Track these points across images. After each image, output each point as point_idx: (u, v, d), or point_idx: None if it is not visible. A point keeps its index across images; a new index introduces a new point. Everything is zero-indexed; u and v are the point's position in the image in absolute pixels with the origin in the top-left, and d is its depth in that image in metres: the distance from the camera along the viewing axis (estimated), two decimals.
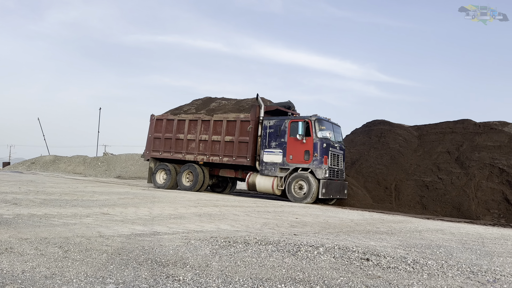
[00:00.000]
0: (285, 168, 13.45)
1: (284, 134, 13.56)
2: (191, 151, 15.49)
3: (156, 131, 16.41)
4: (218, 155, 14.81)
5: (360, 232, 6.50)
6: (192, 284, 2.89)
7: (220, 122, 14.93)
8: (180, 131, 15.85)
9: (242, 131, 14.38)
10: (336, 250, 4.40)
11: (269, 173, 13.68)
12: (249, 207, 9.64)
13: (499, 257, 4.84)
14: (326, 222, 7.75)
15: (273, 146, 13.70)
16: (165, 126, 16.19)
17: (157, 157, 16.30)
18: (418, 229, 7.54)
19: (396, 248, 4.97)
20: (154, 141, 16.42)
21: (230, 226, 6.08)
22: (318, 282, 3.14)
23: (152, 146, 16.44)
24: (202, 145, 15.25)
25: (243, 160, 14.25)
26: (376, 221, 8.79)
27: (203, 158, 15.16)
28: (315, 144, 12.94)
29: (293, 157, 13.30)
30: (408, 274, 3.60)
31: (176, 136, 15.87)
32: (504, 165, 14.83)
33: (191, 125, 15.64)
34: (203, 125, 15.33)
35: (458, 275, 3.70)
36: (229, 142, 14.60)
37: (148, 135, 16.69)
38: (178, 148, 15.79)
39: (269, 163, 13.71)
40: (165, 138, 16.13)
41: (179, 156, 15.70)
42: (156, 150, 16.30)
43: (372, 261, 3.98)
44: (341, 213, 10.26)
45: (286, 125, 13.60)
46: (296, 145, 13.27)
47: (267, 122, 14.01)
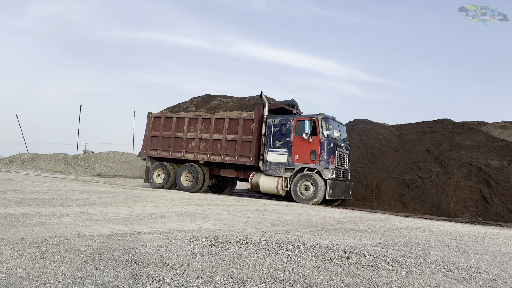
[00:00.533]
0: (291, 168, 13.08)
1: (290, 133, 13.19)
2: (190, 150, 15.05)
3: (154, 129, 15.89)
4: (220, 154, 14.36)
5: (341, 230, 6.57)
6: (172, 284, 2.88)
7: (221, 120, 14.50)
8: (179, 130, 15.39)
9: (245, 130, 13.97)
10: (317, 249, 4.43)
11: (273, 173, 13.31)
12: (231, 206, 9.64)
13: (475, 255, 4.95)
14: (308, 220, 7.80)
15: (278, 146, 13.34)
16: (163, 124, 15.71)
17: (154, 156, 15.79)
18: (398, 227, 7.66)
19: (376, 246, 5.04)
20: (152, 140, 15.90)
21: (212, 225, 6.07)
22: (298, 281, 3.16)
23: (150, 144, 15.92)
24: (203, 144, 14.81)
25: (246, 159, 13.84)
26: (357, 219, 8.89)
27: (204, 157, 14.70)
28: (322, 144, 12.60)
29: (299, 157, 12.93)
30: (387, 272, 3.65)
31: (175, 135, 15.41)
32: (481, 164, 15.18)
33: (191, 123, 15.17)
34: (203, 123, 14.88)
35: (436, 272, 3.77)
36: (231, 141, 14.20)
37: (145, 134, 16.18)
38: (177, 147, 15.32)
39: (274, 163, 13.34)
40: (163, 137, 15.64)
41: (178, 155, 15.24)
42: (153, 149, 15.80)
43: (352, 259, 4.03)
44: (323, 211, 10.34)
45: (292, 123, 13.22)
46: (302, 144, 12.92)
47: (272, 121, 13.61)
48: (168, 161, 15.65)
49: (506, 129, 23.57)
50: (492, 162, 15.28)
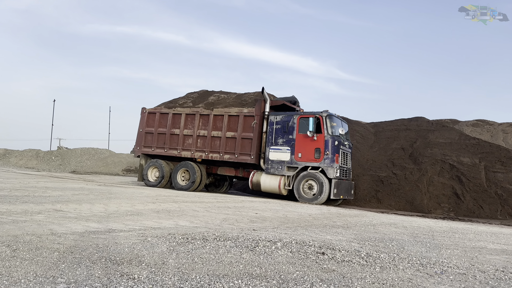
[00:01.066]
0: (294, 166, 12.71)
1: (293, 131, 12.81)
2: (187, 147, 14.55)
3: (148, 126, 15.32)
4: (219, 152, 13.91)
5: (317, 226, 6.64)
6: (148, 282, 2.85)
7: (220, 116, 14.05)
8: (175, 126, 14.85)
9: (245, 127, 13.54)
10: (293, 245, 4.46)
11: (275, 172, 12.92)
12: (209, 203, 9.60)
13: (447, 250, 5.09)
14: (285, 217, 7.85)
15: (280, 143, 12.94)
16: (159, 120, 15.10)
17: (149, 153, 15.25)
18: (372, 223, 7.80)
19: (351, 241, 5.11)
20: (146, 136, 15.34)
21: (189, 222, 6.04)
22: (274, 277, 3.18)
23: (144, 141, 15.35)
24: (200, 141, 14.33)
25: (246, 157, 13.42)
26: (333, 215, 9.00)
27: (202, 155, 14.23)
28: (327, 142, 12.27)
29: (302, 155, 12.55)
30: (362, 267, 3.71)
31: (171, 131, 14.88)
32: (454, 161, 15.60)
33: (188, 120, 14.64)
34: (201, 119, 14.39)
35: (409, 267, 3.86)
36: (231, 138, 13.76)
37: (139, 130, 15.56)
38: (173, 144, 14.80)
39: (276, 161, 12.94)
40: (158, 133, 15.10)
41: (174, 153, 14.76)
42: (148, 146, 15.24)
43: (328, 255, 4.08)
44: (300, 207, 10.42)
45: (295, 121, 12.83)
46: (306, 142, 12.55)
47: (274, 118, 13.20)
48: (163, 158, 15.16)
49: (478, 127, 24.30)
50: (464, 159, 15.72)
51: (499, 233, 7.50)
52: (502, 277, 3.68)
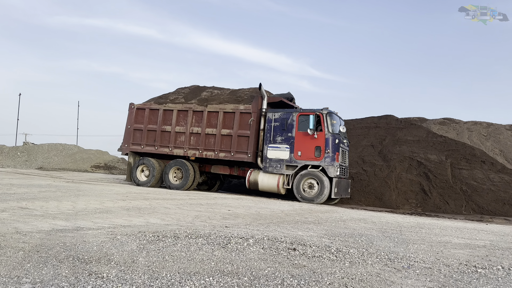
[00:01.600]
0: (293, 165, 12.43)
1: (292, 128, 12.50)
2: (180, 145, 14.00)
3: (137, 122, 14.68)
4: (213, 150, 13.47)
5: (289, 222, 6.70)
6: (117, 281, 2.80)
7: (215, 113, 13.59)
8: (166, 123, 14.28)
9: (241, 124, 13.15)
10: (265, 241, 4.49)
11: (273, 171, 12.60)
12: (181, 200, 9.52)
13: (414, 244, 5.24)
14: (258, 213, 7.88)
15: (279, 141, 12.62)
16: (148, 117, 14.51)
17: (138, 151, 14.60)
18: (343, 219, 7.93)
19: (321, 237, 5.19)
20: (134, 133, 14.67)
21: (160, 220, 5.97)
22: (246, 273, 3.19)
23: (132, 138, 14.67)
24: (194, 138, 13.83)
25: (243, 156, 13.02)
26: (305, 211, 9.10)
27: (195, 153, 13.75)
28: (327, 140, 12.03)
29: (302, 154, 12.27)
30: (332, 263, 3.77)
31: (162, 128, 14.30)
32: (422, 158, 16.05)
33: (180, 116, 14.10)
34: (194, 116, 13.88)
35: (377, 262, 3.95)
36: (227, 136, 13.34)
37: (127, 126, 14.85)
38: (164, 142, 14.23)
39: (274, 159, 12.61)
40: (148, 130, 14.50)
41: (166, 151, 14.19)
42: (136, 143, 14.61)
43: (299, 251, 4.12)
44: (273, 204, 10.48)
45: (294, 118, 12.53)
46: (306, 140, 12.26)
47: (272, 115, 12.85)
48: (154, 156, 14.56)
49: (444, 125, 25.06)
50: (431, 157, 16.20)
51: (463, 228, 7.78)
52: (465, 271, 3.82)
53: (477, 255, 4.70)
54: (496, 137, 21.89)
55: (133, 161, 14.74)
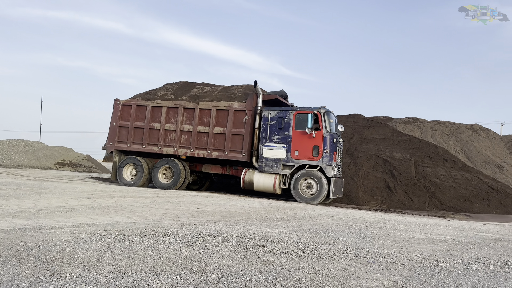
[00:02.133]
0: (290, 164, 12.18)
1: (289, 127, 12.21)
2: (169, 143, 13.47)
3: (123, 119, 14.01)
4: (206, 148, 13.04)
5: (258, 219, 6.71)
6: (80, 281, 2.72)
7: (207, 111, 13.15)
8: (155, 120, 13.69)
9: (235, 122, 12.77)
10: (234, 238, 4.48)
11: (269, 170, 12.31)
12: (149, 198, 9.37)
13: (379, 240, 5.36)
14: (228, 211, 7.86)
15: (275, 140, 12.32)
16: (135, 114, 13.88)
17: (124, 149, 13.95)
18: (311, 215, 8.03)
19: (290, 233, 5.23)
20: (120, 131, 14.01)
21: (127, 218, 5.85)
22: (214, 271, 3.17)
23: (117, 136, 13.98)
24: (184, 136, 13.34)
25: (237, 155, 12.65)
26: (275, 208, 9.15)
27: (186, 151, 13.28)
28: (325, 139, 11.84)
29: (299, 153, 12.04)
30: (299, 259, 3.81)
31: (150, 126, 13.70)
32: (387, 156, 16.47)
33: (169, 113, 13.57)
34: (185, 113, 13.39)
35: (343, 257, 4.02)
36: (220, 134, 12.92)
37: (112, 124, 14.16)
38: (152, 140, 13.66)
39: (270, 159, 12.30)
40: (134, 128, 13.85)
41: (154, 149, 13.62)
42: (122, 141, 13.95)
43: (267, 247, 4.14)
44: (243, 201, 10.48)
45: (291, 117, 12.26)
46: (303, 139, 12.03)
47: (268, 113, 12.52)
48: (141, 155, 13.94)
49: (409, 124, 25.82)
50: (396, 155, 16.65)
51: (426, 224, 8.03)
52: (427, 265, 3.94)
53: (439, 249, 4.86)
54: (458, 136, 22.76)
55: (118, 160, 14.13)
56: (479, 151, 21.22)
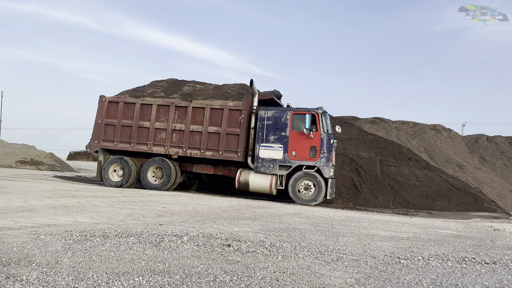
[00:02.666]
0: (287, 165, 12.14)
1: (285, 127, 12.19)
2: (160, 142, 13.10)
3: (109, 117, 13.51)
4: (199, 148, 12.76)
5: (226, 218, 6.69)
6: (38, 284, 2.63)
7: (201, 109, 12.88)
8: (144, 118, 13.27)
9: (230, 122, 12.56)
10: (200, 238, 4.44)
11: (266, 171, 12.20)
12: (113, 197, 9.16)
13: (343, 237, 5.46)
14: (195, 210, 7.79)
15: (272, 140, 12.24)
16: (122, 111, 13.40)
17: (110, 148, 13.47)
18: (278, 214, 8.08)
19: (257, 232, 5.24)
20: (106, 129, 13.50)
21: (89, 218, 5.70)
22: (178, 271, 3.13)
23: (103, 134, 13.49)
24: (176, 135, 13.01)
25: (232, 155, 12.47)
26: (243, 207, 9.15)
27: (178, 151, 12.95)
28: (322, 140, 11.89)
29: (296, 154, 12.02)
30: (265, 257, 3.82)
31: (139, 124, 13.24)
32: (353, 155, 16.79)
33: (160, 111, 13.17)
34: (177, 112, 13.07)
35: (308, 255, 4.06)
36: (214, 133, 12.69)
37: (97, 121, 13.62)
38: (141, 139, 13.21)
39: (267, 159, 12.21)
40: (122, 126, 13.37)
41: (144, 148, 13.19)
42: (108, 140, 13.45)
43: (233, 247, 4.13)
44: (211, 200, 10.43)
45: (288, 117, 12.23)
46: (301, 140, 12.02)
47: (264, 113, 12.42)
48: (128, 154, 13.47)
49: (375, 124, 26.43)
50: (362, 154, 17.01)
51: (389, 221, 8.24)
52: (389, 262, 4.04)
53: (401, 246, 4.99)
54: (421, 136, 23.50)
55: (104, 159, 13.59)
56: (441, 151, 21.98)
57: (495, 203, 16.35)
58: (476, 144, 24.20)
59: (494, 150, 23.12)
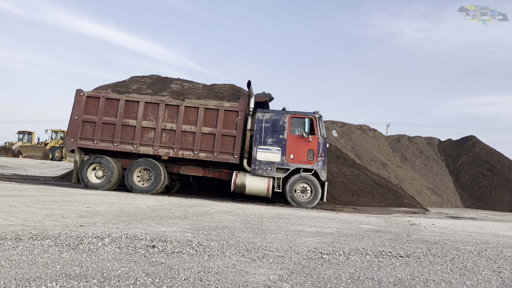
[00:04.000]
0: (284, 168, 12.21)
1: (283, 130, 12.27)
2: (147, 142, 12.37)
3: (87, 113, 12.52)
4: (192, 149, 12.26)
5: (154, 218, 6.52)
6: None
7: (194, 109, 12.38)
8: (129, 116, 12.46)
9: (226, 123, 12.26)
10: (123, 240, 4.28)
11: (263, 173, 12.18)
12: (32, 197, 8.55)
13: (271, 234, 5.55)
14: (121, 210, 7.51)
15: (270, 143, 12.23)
16: (104, 108, 12.49)
17: (89, 147, 12.48)
18: (209, 212, 8.04)
19: (185, 232, 5.16)
20: (84, 126, 12.51)
21: (2, 219, 5.26)
22: (96, 275, 2.99)
23: (80, 132, 12.48)
24: (166, 135, 12.38)
25: (228, 157, 12.17)
26: (173, 206, 8.98)
27: (169, 152, 12.31)
28: (320, 144, 12.16)
29: (295, 157, 12.15)
30: (191, 257, 3.77)
31: (124, 122, 12.41)
32: None
33: (148, 109, 12.46)
34: (167, 110, 12.42)
35: (235, 254, 4.08)
36: (208, 134, 12.28)
37: (73, 117, 12.55)
38: (126, 138, 12.41)
39: (264, 162, 12.18)
40: (103, 123, 12.46)
41: (129, 148, 12.36)
42: (87, 138, 12.46)
43: (158, 248, 4.03)
44: (139, 199, 10.11)
45: (286, 120, 12.32)
46: (298, 143, 12.19)
47: (262, 115, 12.40)
48: (109, 154, 12.63)
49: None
50: None
51: (316, 217, 8.54)
52: (312, 257, 4.18)
53: (325, 242, 5.19)
54: (349, 136, 24.61)
55: (80, 159, 12.59)
56: (366, 150, 23.19)
57: (414, 199, 17.62)
58: (398, 143, 25.85)
59: (414, 150, 24.85)
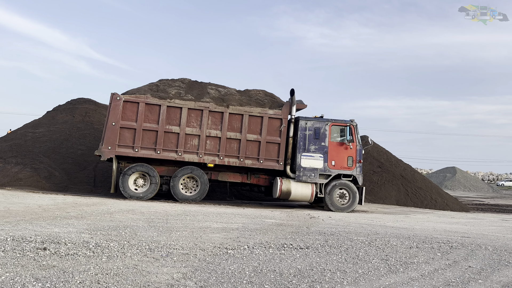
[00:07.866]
0: (326, 174, 12.49)
1: (325, 138, 12.64)
2: (191, 149, 11.78)
3: (125, 119, 11.52)
4: (238, 156, 11.99)
5: (46, 218, 6.00)
6: None
7: (238, 116, 12.13)
8: (172, 122, 11.71)
9: (270, 130, 12.22)
10: (9, 242, 3.87)
11: (307, 179, 12.35)
12: None
13: (177, 232, 5.45)
14: (7, 210, 6.80)
15: (313, 150, 12.54)
16: (144, 113, 11.61)
17: (129, 155, 11.50)
18: (110, 211, 7.63)
19: (81, 232, 4.83)
20: (122, 133, 11.50)
21: None
22: None
23: (118, 139, 11.44)
24: (210, 142, 11.94)
25: (273, 164, 12.13)
26: (68, 205, 8.37)
27: (214, 159, 11.85)
28: (358, 151, 12.61)
29: (336, 163, 12.52)
30: (87, 259, 3.53)
31: (166, 128, 11.63)
32: None
33: (191, 116, 11.90)
34: (211, 117, 11.99)
35: (137, 253, 3.92)
36: (253, 141, 12.11)
37: (110, 123, 11.45)
38: (169, 145, 11.67)
39: (308, 168, 12.38)
40: (143, 130, 11.56)
41: (172, 156, 11.62)
42: (126, 146, 11.47)
43: (50, 250, 3.71)
44: (29, 198, 9.25)
45: (327, 128, 12.67)
46: (339, 150, 12.62)
47: (304, 123, 12.58)
48: (151, 162, 11.76)
49: None
50: None
51: (223, 213, 8.59)
52: (218, 253, 4.19)
53: (230, 237, 5.23)
54: None
55: (116, 167, 11.69)
56: None
57: None
58: None
59: None
